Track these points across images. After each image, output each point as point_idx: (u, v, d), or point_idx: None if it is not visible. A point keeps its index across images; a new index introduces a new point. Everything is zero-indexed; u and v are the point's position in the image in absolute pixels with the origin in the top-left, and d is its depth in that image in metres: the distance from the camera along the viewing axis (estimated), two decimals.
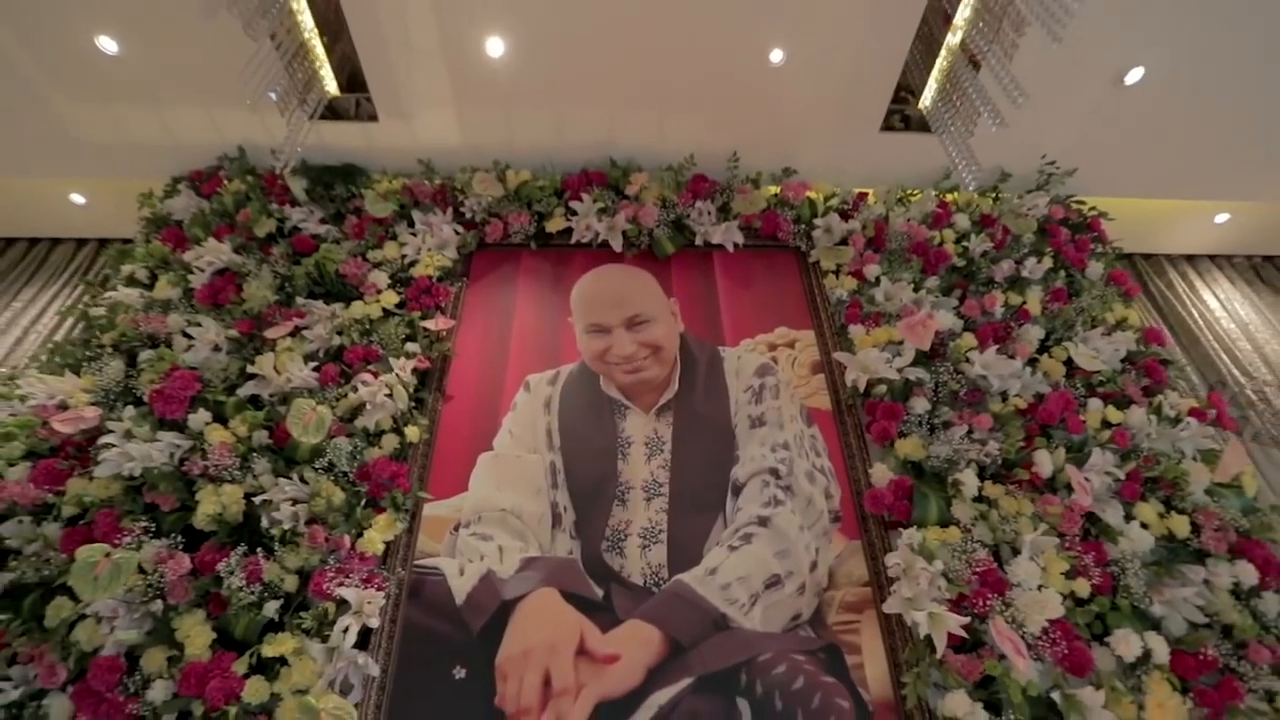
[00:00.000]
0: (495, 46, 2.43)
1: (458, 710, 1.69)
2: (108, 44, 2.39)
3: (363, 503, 1.92)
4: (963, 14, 2.30)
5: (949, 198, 2.91)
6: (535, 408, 2.28)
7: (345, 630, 1.68)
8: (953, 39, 2.37)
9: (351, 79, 2.61)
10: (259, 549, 1.76)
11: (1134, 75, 2.56)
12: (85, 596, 1.60)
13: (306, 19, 2.35)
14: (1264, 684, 1.70)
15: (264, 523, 1.80)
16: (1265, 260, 3.79)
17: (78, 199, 3.21)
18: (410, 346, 2.26)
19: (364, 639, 1.74)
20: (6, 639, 1.63)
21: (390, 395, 2.08)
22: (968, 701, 1.64)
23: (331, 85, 2.55)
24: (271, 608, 1.69)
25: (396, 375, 2.12)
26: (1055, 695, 1.66)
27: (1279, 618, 1.84)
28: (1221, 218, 3.46)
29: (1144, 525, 1.98)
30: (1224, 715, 1.67)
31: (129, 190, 2.92)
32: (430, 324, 2.33)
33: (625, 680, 1.73)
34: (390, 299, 2.37)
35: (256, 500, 1.83)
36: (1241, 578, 1.88)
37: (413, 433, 2.08)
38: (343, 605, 1.73)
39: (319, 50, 2.43)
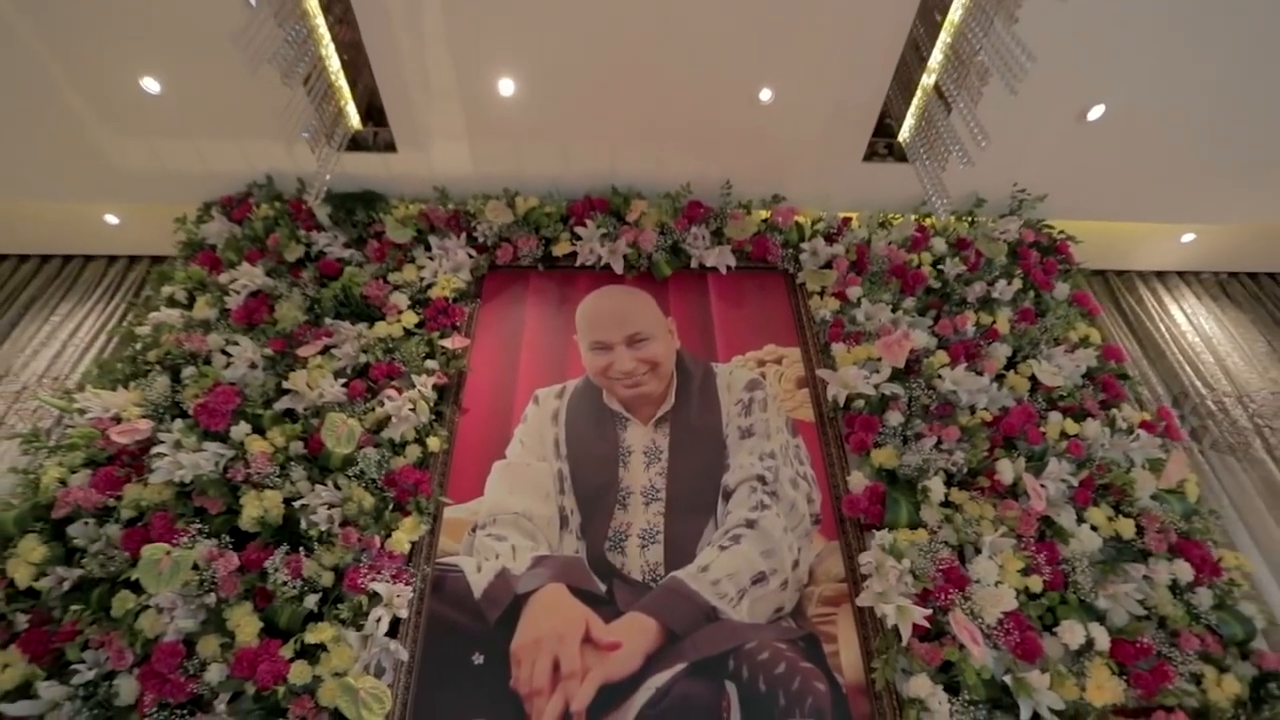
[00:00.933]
0: (506, 86, 2.64)
1: (477, 691, 1.91)
2: (151, 84, 2.59)
3: (390, 507, 2.13)
4: (935, 58, 2.52)
5: (927, 222, 3.13)
6: (544, 419, 2.50)
7: (378, 620, 1.89)
8: (927, 80, 2.58)
9: (370, 106, 2.82)
10: (300, 548, 1.97)
11: (1095, 112, 2.77)
12: (150, 589, 1.80)
13: (334, 62, 2.56)
14: (1191, 668, 1.91)
15: (303, 525, 2.01)
16: (1230, 276, 4.00)
17: (111, 219, 3.42)
18: (429, 364, 2.47)
19: (394, 628, 1.96)
20: (79, 627, 1.84)
21: (413, 409, 2.29)
22: (929, 684, 1.85)
23: (355, 120, 2.76)
24: (312, 600, 1.90)
25: (419, 391, 2.34)
26: (1007, 678, 1.87)
27: (1210, 610, 2.06)
28: (1187, 237, 3.67)
29: (1094, 528, 2.19)
30: (1156, 696, 1.88)
31: (159, 211, 3.14)
32: (447, 342, 2.54)
33: (626, 665, 1.95)
34: (410, 319, 2.58)
35: (295, 504, 2.04)
36: (1179, 575, 2.10)
37: (434, 443, 2.29)
38: (375, 598, 1.94)
39: (344, 89, 2.64)
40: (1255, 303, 3.89)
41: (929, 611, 1.93)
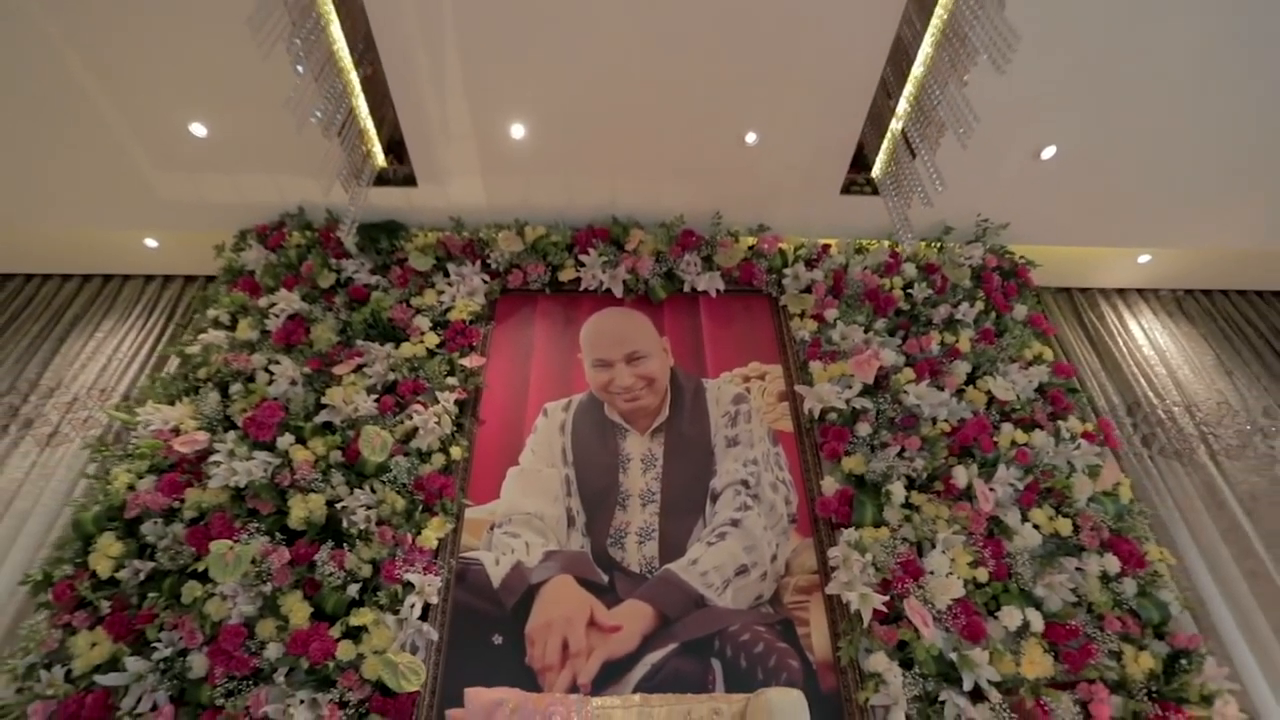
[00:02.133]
0: (518, 130, 2.93)
1: (497, 668, 2.21)
2: (198, 129, 2.89)
3: (419, 508, 2.43)
4: (902, 106, 2.82)
5: (899, 249, 3.43)
6: (552, 430, 2.80)
7: (411, 606, 2.20)
8: (896, 125, 2.88)
9: (391, 140, 3.10)
10: (342, 544, 2.27)
11: (1048, 152, 3.07)
12: (218, 579, 2.10)
13: (363, 108, 2.85)
14: (1111, 646, 2.22)
15: (344, 524, 2.30)
16: (1186, 294, 4.29)
17: (151, 243, 3.70)
18: (450, 380, 2.77)
19: (425, 612, 2.26)
20: (155, 611, 2.14)
21: (438, 422, 2.59)
22: (887, 660, 2.16)
23: (380, 160, 3.06)
24: (354, 589, 2.19)
25: (442, 405, 2.64)
26: (954, 655, 2.17)
27: (1133, 597, 2.36)
28: (1144, 258, 3.96)
29: (1036, 526, 2.49)
30: (1081, 670, 2.18)
31: (194, 236, 3.44)
32: (466, 361, 2.84)
33: (625, 645, 2.26)
34: (432, 340, 2.88)
35: (337, 506, 2.34)
36: (1108, 567, 2.40)
37: (456, 452, 2.60)
38: (408, 587, 2.24)
39: (372, 132, 2.94)
40: (1208, 318, 4.18)
41: (887, 598, 2.24)
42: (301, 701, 1.98)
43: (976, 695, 2.13)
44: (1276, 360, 3.90)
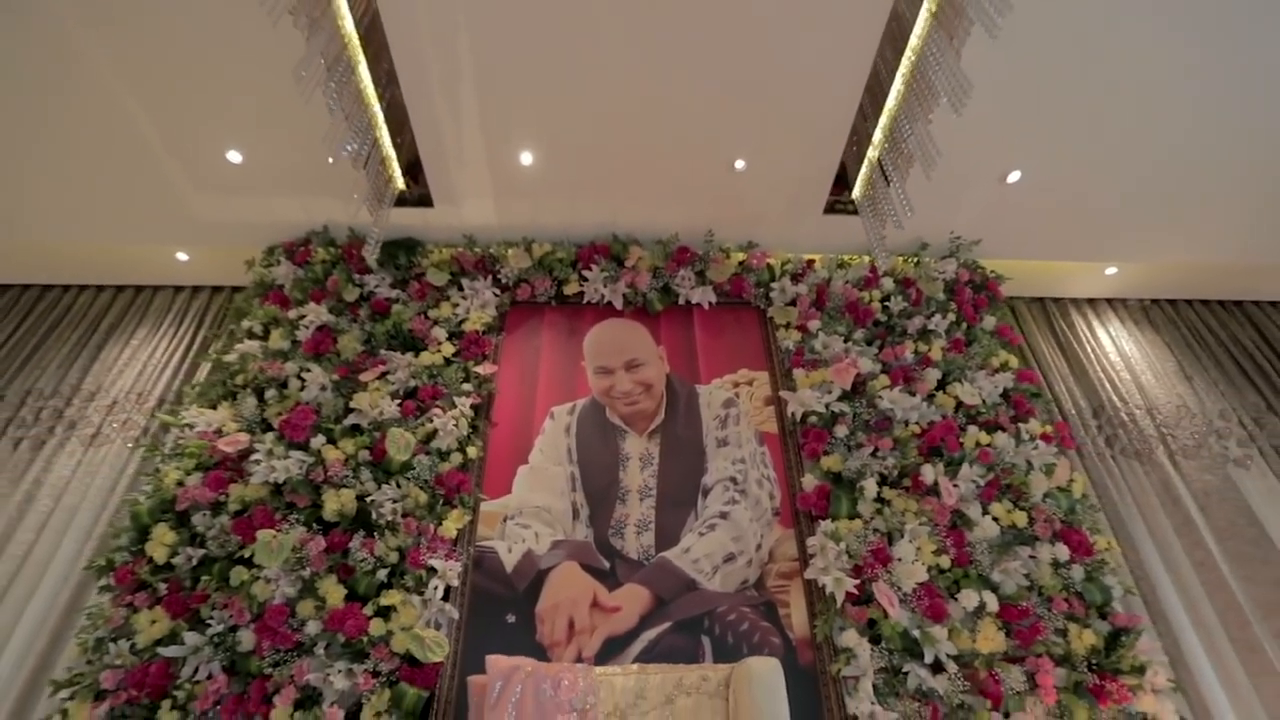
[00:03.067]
0: (527, 157, 3.20)
1: (511, 643, 2.47)
2: (235, 156, 3.15)
3: (440, 502, 2.70)
4: (877, 136, 3.09)
5: (878, 264, 3.69)
6: (558, 432, 3.07)
7: (435, 588, 2.47)
8: (873, 154, 3.15)
9: (409, 161, 3.36)
10: (372, 534, 2.54)
11: (1014, 176, 3.34)
12: (264, 564, 2.37)
13: (385, 137, 3.12)
14: (1057, 625, 2.49)
15: (373, 516, 2.57)
16: (1153, 303, 4.56)
17: (182, 256, 3.97)
18: (465, 386, 3.04)
19: (447, 594, 2.53)
20: (207, 592, 2.41)
21: (455, 424, 2.86)
22: (857, 637, 2.42)
23: (400, 183, 3.33)
24: (383, 573, 2.45)
25: (459, 409, 2.91)
26: (917, 633, 2.44)
27: (1081, 582, 2.63)
28: (1110, 270, 4.23)
29: (995, 519, 2.75)
30: (1030, 646, 2.45)
31: (223, 250, 3.70)
32: (480, 369, 3.11)
33: (625, 624, 2.52)
34: (448, 349, 3.14)
35: (366, 500, 2.60)
36: (1058, 555, 2.67)
37: (472, 452, 2.86)
38: (431, 571, 2.51)
39: (393, 158, 3.21)
40: (1172, 327, 4.44)
41: (859, 582, 2.51)
42: (339, 671, 2.24)
43: (937, 667, 2.39)
44: (1234, 366, 4.16)
